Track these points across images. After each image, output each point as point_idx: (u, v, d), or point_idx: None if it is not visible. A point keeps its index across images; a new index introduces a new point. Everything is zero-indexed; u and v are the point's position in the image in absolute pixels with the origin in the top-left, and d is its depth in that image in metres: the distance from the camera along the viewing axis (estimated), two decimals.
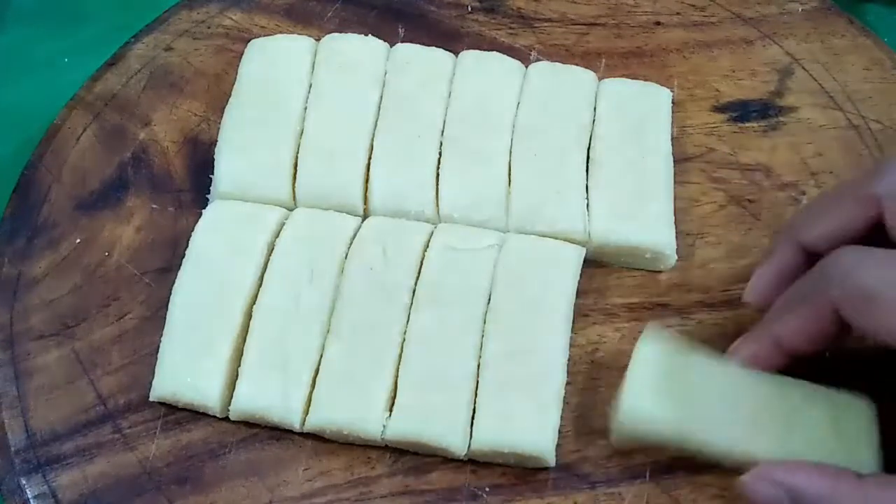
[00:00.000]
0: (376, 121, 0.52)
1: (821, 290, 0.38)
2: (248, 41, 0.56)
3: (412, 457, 0.46)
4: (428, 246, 0.48)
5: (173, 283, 0.48)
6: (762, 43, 0.58)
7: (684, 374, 0.41)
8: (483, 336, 0.46)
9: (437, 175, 0.51)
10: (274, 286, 0.47)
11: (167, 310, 0.47)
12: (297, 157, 0.51)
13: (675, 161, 0.52)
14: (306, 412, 0.45)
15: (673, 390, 0.40)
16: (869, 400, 0.41)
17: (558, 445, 0.44)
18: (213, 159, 0.52)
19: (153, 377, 0.46)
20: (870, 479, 0.36)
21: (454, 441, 0.44)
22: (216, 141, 0.53)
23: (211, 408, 0.45)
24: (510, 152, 0.51)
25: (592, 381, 0.47)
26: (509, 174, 0.51)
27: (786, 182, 0.53)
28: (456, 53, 0.55)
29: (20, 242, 0.51)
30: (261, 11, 0.60)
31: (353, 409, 0.44)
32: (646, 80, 0.55)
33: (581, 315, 0.48)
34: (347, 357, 0.45)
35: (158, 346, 0.47)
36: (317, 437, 0.46)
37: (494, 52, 0.55)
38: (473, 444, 0.44)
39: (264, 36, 0.56)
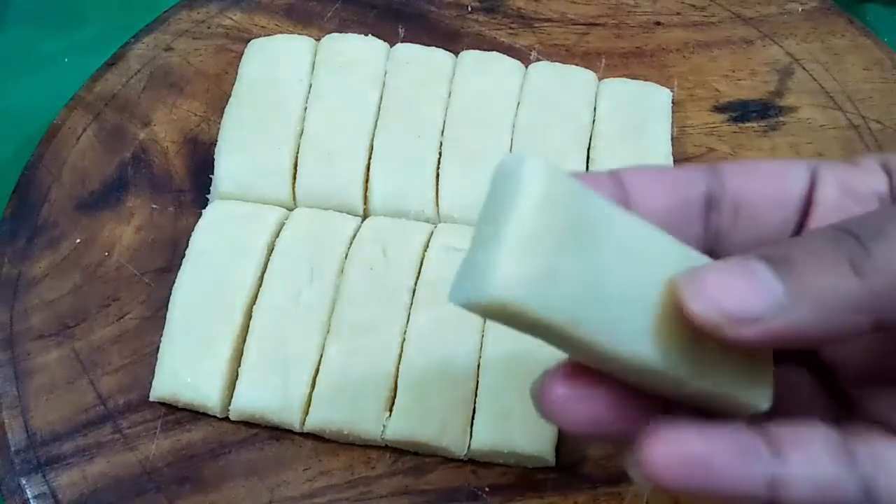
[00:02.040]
0: (376, 121, 0.52)
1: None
2: (248, 41, 0.56)
3: (412, 457, 0.46)
4: (428, 246, 0.48)
5: (173, 283, 0.48)
6: (762, 43, 0.58)
7: (586, 233, 0.23)
8: (483, 336, 0.46)
9: (437, 175, 0.51)
10: (274, 286, 0.47)
11: (167, 310, 0.47)
12: (297, 157, 0.51)
13: (675, 161, 0.52)
14: (306, 412, 0.45)
15: (566, 258, 0.23)
16: None
17: (558, 445, 0.44)
18: (213, 159, 0.52)
19: (153, 377, 0.46)
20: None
21: (454, 441, 0.44)
22: (216, 141, 0.53)
23: (211, 408, 0.45)
24: (510, 152, 0.51)
25: None
26: None
27: None
28: (456, 53, 0.55)
29: (20, 242, 0.51)
30: (261, 11, 0.60)
31: (352, 408, 0.44)
32: (646, 80, 0.55)
33: None
34: (347, 357, 0.45)
35: (158, 346, 0.47)
36: (317, 437, 0.46)
37: (494, 52, 0.55)
38: (473, 444, 0.44)
39: (264, 36, 0.56)
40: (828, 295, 0.22)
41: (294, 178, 0.51)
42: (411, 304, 0.47)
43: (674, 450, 0.24)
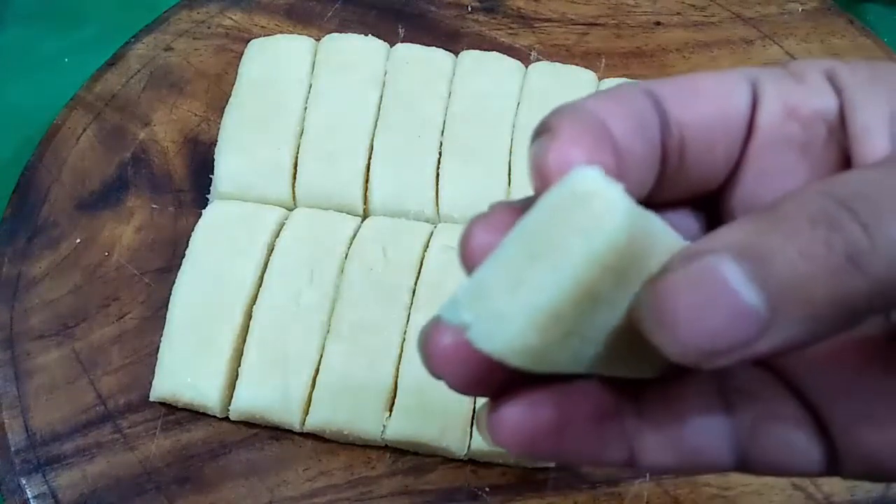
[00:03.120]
0: (376, 121, 0.52)
1: None
2: (248, 41, 0.56)
3: (412, 457, 0.46)
4: (428, 246, 0.48)
5: (173, 283, 0.48)
6: (762, 43, 0.58)
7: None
8: None
9: (437, 175, 0.51)
10: (274, 286, 0.47)
11: (167, 310, 0.47)
12: (297, 157, 0.51)
13: None
14: (306, 412, 0.45)
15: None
16: None
17: None
18: (213, 159, 0.52)
19: (153, 377, 0.46)
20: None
21: (454, 441, 0.44)
22: (216, 141, 0.53)
23: (211, 408, 0.45)
24: (510, 152, 0.51)
25: None
26: (509, 174, 0.51)
27: None
28: (456, 53, 0.55)
29: (20, 242, 0.51)
30: (261, 11, 0.60)
31: (352, 409, 0.44)
32: (646, 80, 0.55)
33: None
34: (347, 357, 0.45)
35: (158, 346, 0.47)
36: (317, 437, 0.46)
37: (494, 52, 0.55)
38: (473, 444, 0.44)
39: (264, 36, 0.56)
40: (821, 304, 0.18)
41: (294, 177, 0.51)
42: (411, 304, 0.47)
43: (523, 417, 0.22)
